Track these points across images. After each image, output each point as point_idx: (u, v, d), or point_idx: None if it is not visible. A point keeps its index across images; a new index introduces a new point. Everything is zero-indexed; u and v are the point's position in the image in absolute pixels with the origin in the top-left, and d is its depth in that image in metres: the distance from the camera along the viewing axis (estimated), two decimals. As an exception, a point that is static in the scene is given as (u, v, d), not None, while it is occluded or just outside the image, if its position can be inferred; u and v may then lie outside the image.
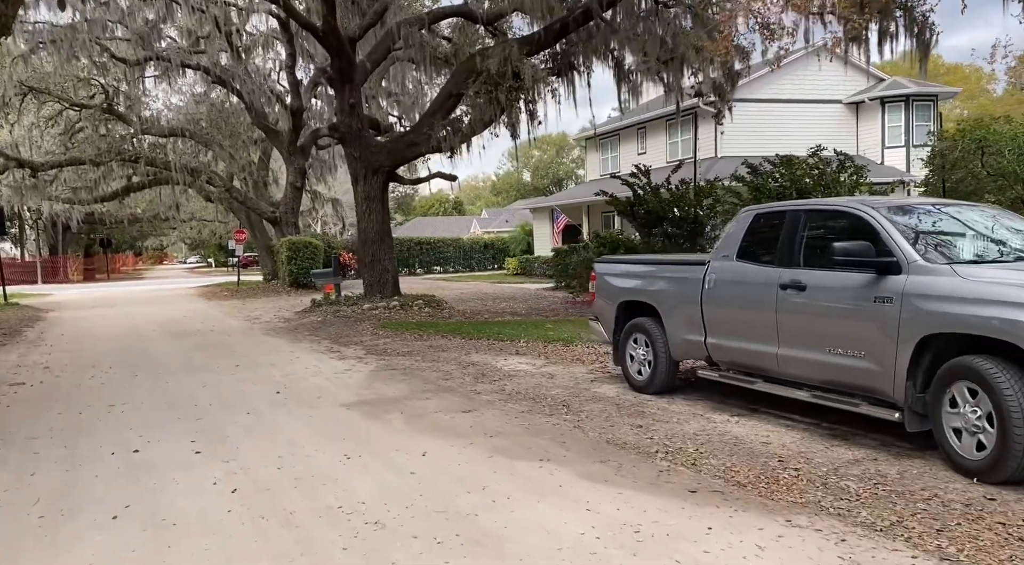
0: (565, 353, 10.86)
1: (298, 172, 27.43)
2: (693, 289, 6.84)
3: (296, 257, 25.75)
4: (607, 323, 8.22)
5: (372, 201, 17.68)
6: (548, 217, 37.95)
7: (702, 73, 15.55)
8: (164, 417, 7.67)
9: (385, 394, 8.49)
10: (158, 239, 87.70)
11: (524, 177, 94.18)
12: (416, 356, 11.22)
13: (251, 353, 12.35)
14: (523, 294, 22.90)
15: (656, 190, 17.47)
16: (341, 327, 15.34)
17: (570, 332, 12.95)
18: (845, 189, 13.29)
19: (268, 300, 24.14)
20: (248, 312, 20.26)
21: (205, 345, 13.60)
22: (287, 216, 27.80)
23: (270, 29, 30.18)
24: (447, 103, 16.64)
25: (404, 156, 17.34)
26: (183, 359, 11.93)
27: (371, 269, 18.02)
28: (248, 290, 29.07)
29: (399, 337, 13.48)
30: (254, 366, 10.96)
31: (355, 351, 12.14)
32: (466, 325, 14.64)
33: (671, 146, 31.84)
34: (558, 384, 8.51)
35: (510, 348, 11.63)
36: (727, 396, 7.41)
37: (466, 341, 12.56)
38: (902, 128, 29.04)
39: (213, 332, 15.78)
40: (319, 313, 17.64)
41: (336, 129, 17.46)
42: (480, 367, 9.97)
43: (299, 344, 13.36)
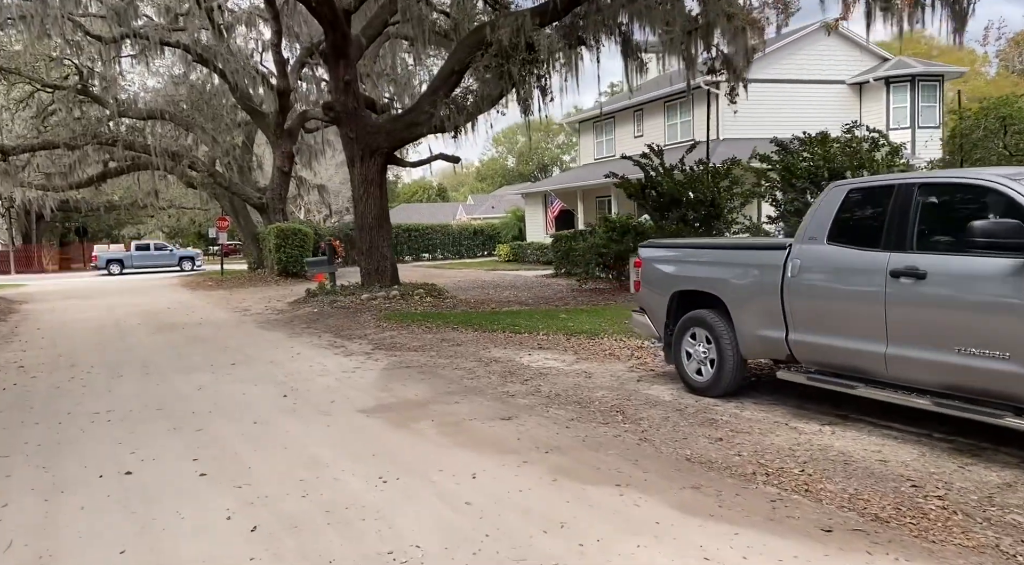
0: (593, 347, 9.96)
1: (285, 156, 26.25)
2: (771, 277, 5.95)
3: (285, 245, 24.63)
4: (656, 316, 7.32)
5: (370, 185, 16.65)
6: (541, 202, 36.99)
7: (729, 45, 14.58)
8: (158, 427, 6.70)
9: (406, 397, 7.56)
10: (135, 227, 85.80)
11: (508, 163, 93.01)
12: (430, 351, 10.27)
13: (247, 349, 11.35)
14: (523, 282, 21.98)
15: (670, 171, 16.59)
16: (341, 319, 14.34)
17: (591, 323, 12.05)
18: (881, 168, 12.45)
19: (256, 290, 23.04)
20: (237, 303, 19.19)
21: (195, 340, 12.56)
22: (274, 202, 26.63)
23: (253, 6, 28.94)
24: (450, 80, 15.61)
25: (404, 137, 16.30)
26: (173, 356, 10.90)
27: (369, 257, 17.01)
28: (233, 279, 27.91)
29: (406, 329, 12.53)
30: (253, 364, 9.97)
31: (361, 346, 11.17)
32: (475, 316, 13.70)
33: (670, 128, 30.96)
34: (600, 384, 7.61)
35: (530, 341, 10.72)
36: (804, 399, 6.55)
37: (480, 334, 11.63)
38: (907, 109, 28.31)
39: (202, 325, 14.73)
40: (315, 303, 16.62)
41: (331, 108, 16.38)
42: (504, 364, 9.06)
43: (298, 338, 12.37)
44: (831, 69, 29.74)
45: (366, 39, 17.09)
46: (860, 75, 29.21)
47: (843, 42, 29.62)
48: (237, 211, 32.68)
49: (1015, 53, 51.30)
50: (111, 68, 27.36)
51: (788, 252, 5.89)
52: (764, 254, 6.09)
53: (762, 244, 6.47)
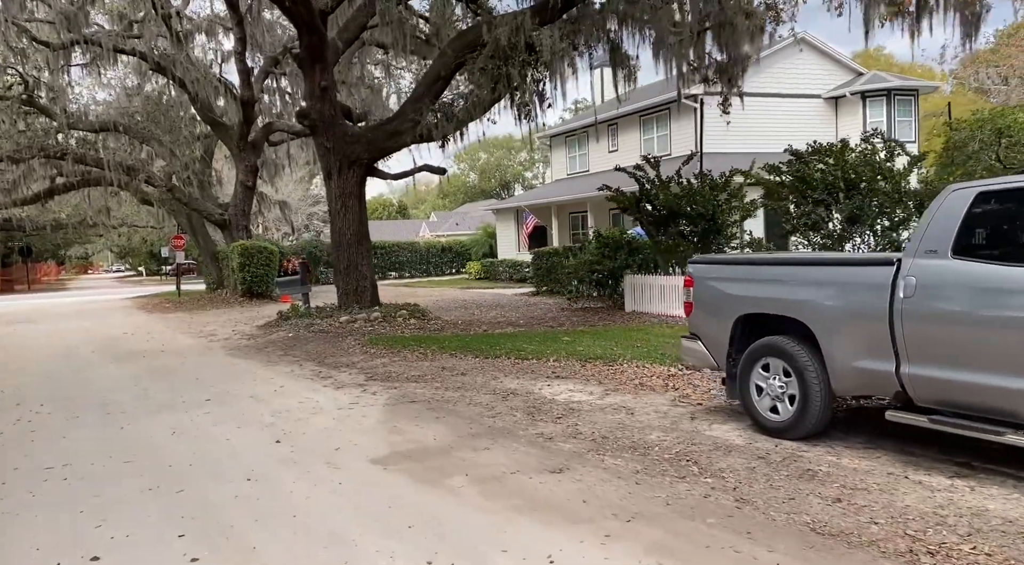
0: (616, 376, 8.95)
1: (249, 170, 24.86)
2: (876, 298, 5.02)
3: (249, 264, 23.20)
4: (714, 343, 6.34)
5: (348, 198, 15.47)
6: (513, 219, 36.05)
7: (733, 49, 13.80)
8: (128, 488, 5.48)
9: (423, 441, 6.44)
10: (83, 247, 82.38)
11: (470, 179, 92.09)
12: (433, 382, 9.15)
13: (221, 381, 10.07)
14: (506, 301, 20.93)
15: (666, 184, 15.75)
16: (321, 344, 13.11)
17: (601, 347, 11.05)
18: (901, 177, 11.76)
19: (219, 312, 21.57)
20: (200, 327, 17.75)
21: (159, 371, 11.22)
22: (237, 219, 25.18)
23: (213, 15, 27.57)
24: (435, 86, 14.57)
25: (386, 146, 15.19)
26: (137, 392, 9.58)
27: (347, 276, 15.79)
28: (192, 301, 26.30)
29: (398, 356, 11.37)
30: (231, 400, 8.73)
31: (351, 376, 9.99)
32: (470, 339, 12.60)
33: (646, 142, 30.32)
34: (648, 423, 6.59)
35: (542, 369, 9.67)
36: (901, 441, 5.61)
37: (483, 361, 10.53)
38: (883, 123, 28.10)
39: (165, 353, 13.36)
40: (288, 327, 15.33)
41: (306, 115, 15.19)
42: (524, 397, 7.99)
43: (276, 367, 11.12)
44: (807, 83, 29.48)
45: (342, 43, 15.98)
46: (836, 89, 28.99)
47: (818, 56, 29.42)
48: (195, 229, 31.07)
49: (970, 72, 52.24)
50: (60, 77, 25.72)
51: (897, 269, 4.96)
52: (865, 271, 5.16)
53: (861, 259, 5.54)
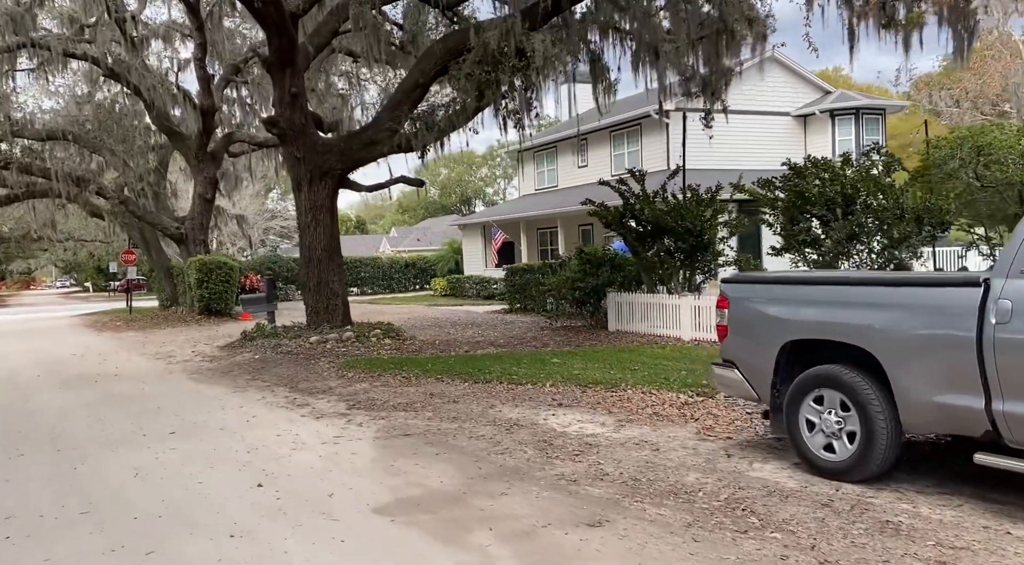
0: (624, 403, 8.29)
1: (208, 182, 23.74)
2: (959, 324, 4.44)
3: (208, 280, 22.05)
4: (756, 371, 5.72)
5: (319, 211, 14.61)
6: (480, 234, 35.37)
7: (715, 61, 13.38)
8: (88, 549, 4.61)
9: (429, 484, 5.67)
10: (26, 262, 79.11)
11: (431, 194, 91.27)
12: (424, 411, 8.37)
13: (186, 410, 9.13)
14: (480, 319, 20.17)
15: (651, 198, 15.25)
16: (292, 367, 12.20)
17: (597, 371, 10.39)
18: (900, 193, 11.40)
19: (176, 331, 20.38)
20: (156, 347, 16.62)
21: (115, 398, 10.21)
22: (194, 233, 24.00)
23: (171, 20, 26.45)
24: (413, 94, 13.85)
25: (360, 157, 14.38)
26: (91, 423, 8.60)
27: (317, 293, 14.90)
28: (144, 319, 24.97)
29: (378, 381, 10.54)
30: (199, 432, 7.83)
31: (330, 404, 9.15)
32: (453, 361, 11.83)
33: (617, 158, 29.99)
34: (679, 461, 5.92)
35: (540, 396, 8.95)
36: (976, 484, 5.03)
37: (474, 386, 9.77)
38: (852, 141, 28.21)
39: (120, 377, 12.30)
40: (254, 348, 14.35)
41: (274, 123, 14.32)
42: (530, 429, 7.26)
43: (246, 394, 10.20)
44: (776, 101, 29.48)
45: (313, 49, 15.18)
46: (805, 107, 29.07)
47: (787, 74, 29.48)
48: (149, 243, 29.66)
49: (924, 94, 53.40)
50: (4, 82, 24.32)
51: (985, 291, 4.39)
52: (946, 293, 4.58)
53: (938, 280, 4.96)
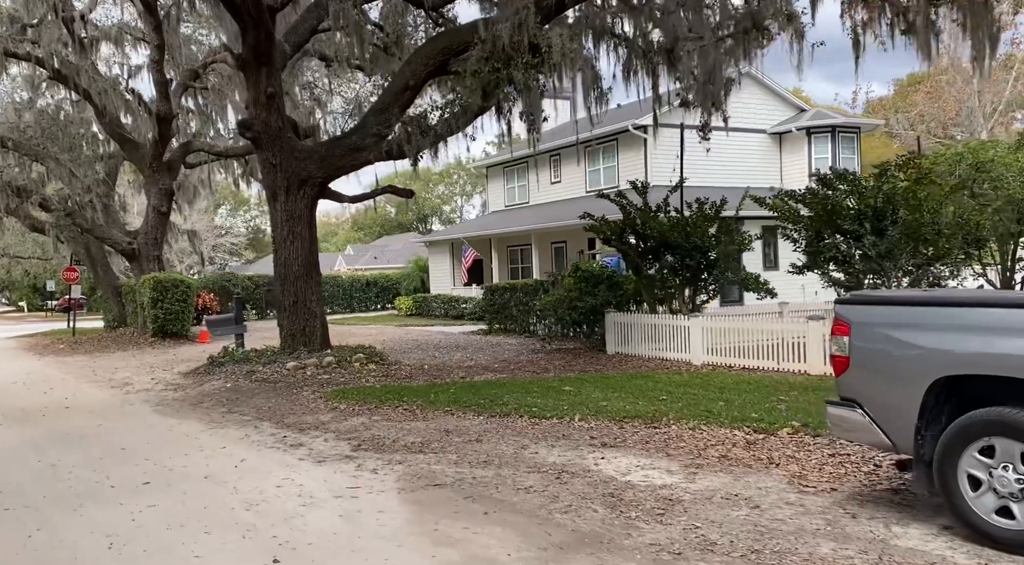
0: (675, 442, 7.25)
1: (163, 194, 22.10)
2: None
3: (163, 299, 20.38)
4: (890, 414, 4.72)
5: (296, 223, 13.32)
6: (448, 251, 34.18)
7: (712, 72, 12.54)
8: None
9: (496, 557, 4.52)
10: (-45, 279, 74.77)
11: (389, 211, 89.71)
12: (445, 453, 7.18)
13: (157, 452, 7.77)
14: (461, 341, 18.97)
15: (654, 213, 14.37)
16: (272, 398, 10.85)
17: (621, 401, 9.35)
18: (940, 207, 10.67)
19: (128, 355, 18.68)
20: (109, 374, 15.01)
21: (69, 438, 8.76)
22: (148, 249, 22.28)
23: (123, 22, 24.80)
24: (403, 97, 12.71)
25: (343, 164, 13.14)
26: (43, 471, 7.18)
27: (293, 314, 13.57)
28: (90, 341, 23.07)
29: (376, 414, 9.30)
30: (179, 482, 6.53)
31: (329, 443, 7.90)
32: (456, 391, 10.63)
33: (591, 174, 29.26)
34: (796, 524, 4.88)
35: (574, 433, 7.85)
36: None
37: (491, 421, 8.62)
38: (828, 160, 27.91)
39: (72, 410, 10.78)
40: (223, 375, 12.92)
41: (248, 126, 13.01)
42: (585, 478, 6.14)
43: (225, 430, 8.86)
44: (751, 118, 29.07)
45: (290, 47, 13.95)
46: (781, 125, 28.75)
47: (762, 90, 29.13)
48: (95, 259, 27.67)
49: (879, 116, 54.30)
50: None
51: None
52: None
53: None
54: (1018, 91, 48.67)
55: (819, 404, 8.62)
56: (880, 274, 10.95)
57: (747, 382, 10.57)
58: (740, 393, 9.67)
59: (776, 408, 8.50)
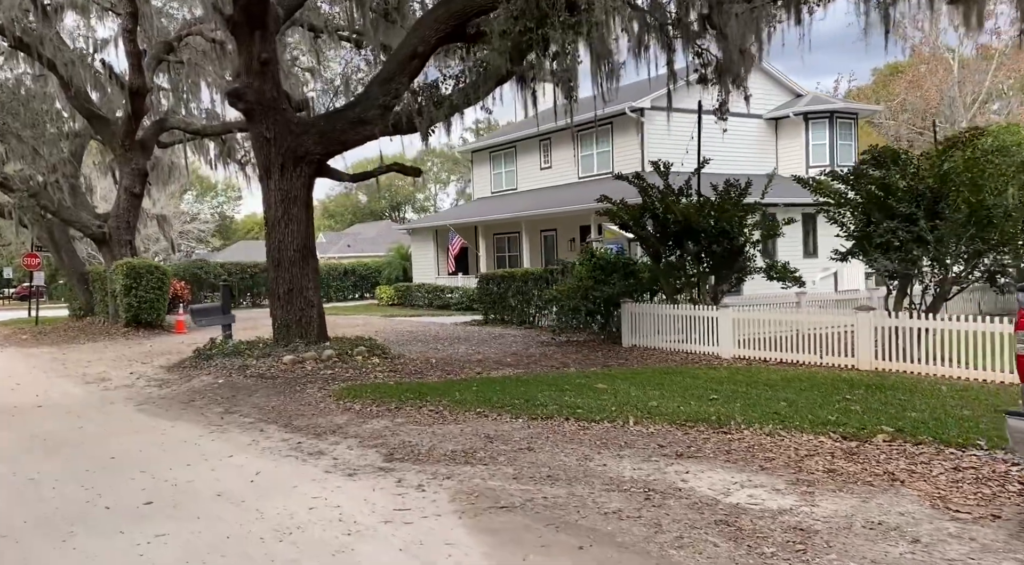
0: (759, 451, 6.35)
1: (136, 174, 20.65)
2: None
3: (136, 286, 19.02)
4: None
5: (292, 204, 12.18)
6: (432, 239, 33.02)
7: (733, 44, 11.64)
8: None
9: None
10: (-95, 266, 71.48)
11: (360, 199, 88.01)
12: (497, 465, 6.20)
13: (153, 462, 6.68)
14: (459, 333, 17.95)
15: (676, 196, 13.48)
16: (273, 396, 9.75)
17: (668, 400, 8.46)
18: (1002, 188, 9.88)
19: (100, 347, 17.33)
20: (82, 368, 13.73)
21: (48, 444, 7.60)
22: (119, 233, 20.83)
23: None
24: (410, 65, 11.60)
25: (345, 139, 12.00)
26: (22, 488, 6.06)
27: (288, 303, 12.44)
28: (56, 331, 21.59)
29: (399, 415, 8.27)
30: (189, 502, 5.48)
31: (353, 450, 6.87)
32: (477, 388, 9.62)
33: (584, 159, 28.30)
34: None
35: (637, 440, 6.91)
36: None
37: (532, 424, 7.64)
38: (826, 146, 27.37)
39: (46, 410, 9.58)
40: (212, 369, 11.76)
41: (239, 96, 11.80)
42: (680, 499, 5.21)
43: (227, 435, 7.78)
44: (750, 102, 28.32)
45: (284, 11, 12.74)
46: (778, 110, 28.04)
47: (759, 74, 28.36)
48: (59, 245, 26.02)
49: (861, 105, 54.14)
50: None
51: None
52: None
53: None
54: (998, 81, 48.75)
55: (894, 404, 7.83)
56: (936, 261, 10.17)
57: (796, 379, 9.73)
58: (796, 391, 8.82)
59: (850, 409, 7.66)
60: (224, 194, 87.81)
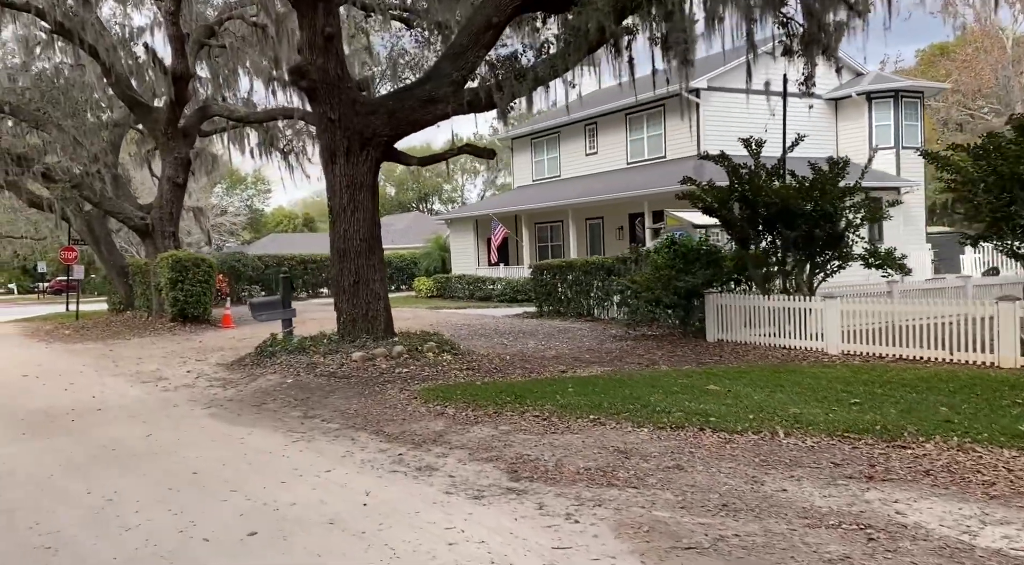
0: (959, 468, 5.39)
1: (179, 163, 19.94)
2: None
3: (183, 280, 18.32)
4: None
5: (358, 190, 11.31)
6: (472, 229, 32.14)
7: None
8: None
9: None
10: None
11: (389, 191, 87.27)
12: (647, 487, 5.28)
13: (241, 478, 5.83)
14: (519, 326, 17.02)
15: (770, 175, 12.45)
16: (352, 398, 8.90)
17: (809, 406, 7.47)
18: None
19: (147, 342, 16.64)
20: (133, 365, 13.00)
21: (115, 456, 6.79)
22: (162, 224, 20.14)
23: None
24: (485, 37, 10.64)
25: (415, 119, 11.08)
26: (97, 511, 5.23)
27: (354, 296, 11.59)
28: (98, 326, 20.99)
29: (501, 421, 7.36)
30: (297, 531, 4.63)
31: (466, 465, 5.98)
32: (573, 389, 8.68)
33: (634, 144, 27.19)
34: None
35: (804, 456, 5.95)
36: None
37: (661, 433, 6.70)
38: (891, 127, 26.00)
39: (106, 414, 8.80)
40: (277, 367, 10.94)
41: (303, 74, 10.92)
42: (918, 542, 4.24)
43: (314, 444, 6.92)
44: (803, 83, 27.02)
45: (345, -17, 11.86)
46: (838, 90, 26.64)
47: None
48: (98, 238, 25.45)
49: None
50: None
51: None
52: None
53: None
54: (1056, 62, 46.77)
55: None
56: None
57: (933, 378, 8.69)
58: (946, 394, 7.80)
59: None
60: (254, 187, 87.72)
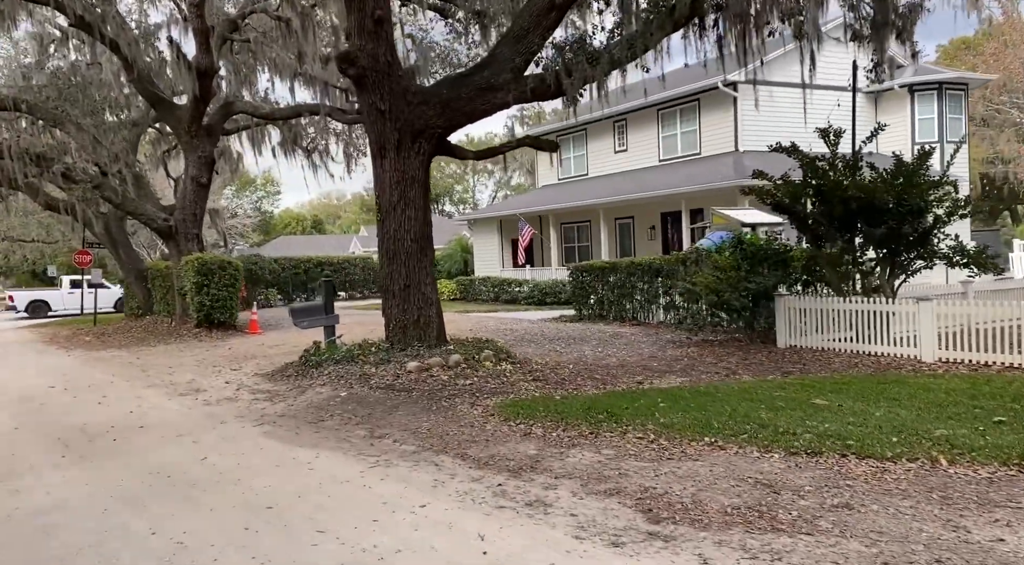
0: None
1: (203, 163, 19.15)
2: None
3: (209, 283, 17.53)
4: None
5: (409, 186, 10.49)
6: (496, 230, 31.33)
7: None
8: None
9: None
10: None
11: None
12: (823, 532, 4.44)
13: (327, 515, 5.01)
14: (566, 331, 16.17)
15: (849, 167, 11.60)
16: (418, 414, 8.06)
17: (955, 427, 6.62)
18: None
19: (175, 349, 15.85)
20: (165, 375, 12.20)
21: (174, 484, 5.97)
22: (186, 226, 19.35)
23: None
24: (547, 18, 9.79)
25: (471, 109, 10.25)
26: (172, 556, 4.41)
27: (404, 301, 10.76)
28: (118, 332, 20.25)
29: (603, 444, 6.52)
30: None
31: (582, 499, 5.17)
32: (671, 405, 7.83)
33: (666, 140, 26.33)
34: None
35: (989, 491, 5.12)
36: None
37: (797, 460, 5.86)
38: (934, 120, 25.07)
39: (150, 432, 7.99)
40: (326, 378, 10.11)
41: (352, 61, 10.10)
42: None
43: (394, 470, 6.09)
44: (838, 74, 26.15)
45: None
46: (878, 83, 25.71)
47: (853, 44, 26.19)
48: (116, 240, 24.73)
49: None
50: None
51: None
52: None
53: None
54: (1085, 55, 45.70)
55: None
56: None
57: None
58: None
59: None
60: (263, 188, 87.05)
